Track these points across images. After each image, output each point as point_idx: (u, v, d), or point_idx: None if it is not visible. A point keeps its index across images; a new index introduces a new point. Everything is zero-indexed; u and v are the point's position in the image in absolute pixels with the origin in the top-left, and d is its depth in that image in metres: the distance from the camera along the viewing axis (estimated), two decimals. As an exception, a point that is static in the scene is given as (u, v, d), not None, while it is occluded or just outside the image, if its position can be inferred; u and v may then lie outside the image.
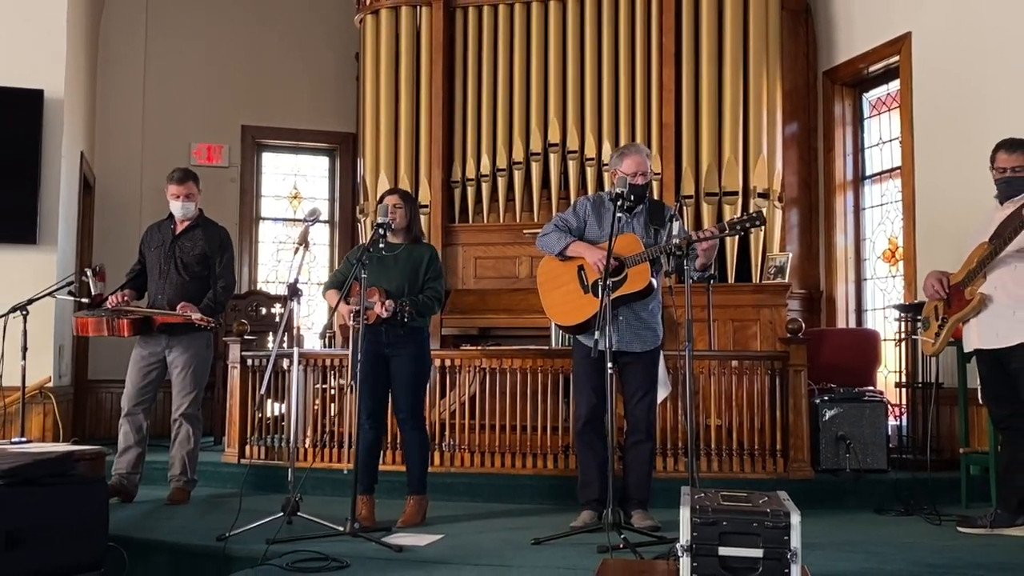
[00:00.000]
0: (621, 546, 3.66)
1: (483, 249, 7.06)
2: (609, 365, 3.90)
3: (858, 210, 7.15)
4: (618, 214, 4.05)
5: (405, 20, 7.22)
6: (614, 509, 3.91)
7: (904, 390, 5.84)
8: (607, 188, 4.45)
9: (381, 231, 4.29)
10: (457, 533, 4.21)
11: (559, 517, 4.42)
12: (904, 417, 5.89)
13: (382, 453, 4.80)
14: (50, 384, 6.06)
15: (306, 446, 5.51)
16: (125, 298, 4.96)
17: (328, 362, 5.61)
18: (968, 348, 4.28)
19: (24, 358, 4.99)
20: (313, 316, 8.67)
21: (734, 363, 5.28)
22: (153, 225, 5.24)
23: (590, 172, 6.84)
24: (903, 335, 5.79)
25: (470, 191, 7.08)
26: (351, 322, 4.27)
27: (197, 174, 5.15)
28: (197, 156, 8.26)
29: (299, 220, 8.61)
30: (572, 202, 4.82)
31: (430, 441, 4.92)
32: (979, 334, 4.16)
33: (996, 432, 4.48)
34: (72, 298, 5.53)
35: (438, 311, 4.61)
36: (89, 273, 5.19)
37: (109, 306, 4.91)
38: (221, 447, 6.05)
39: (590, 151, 6.86)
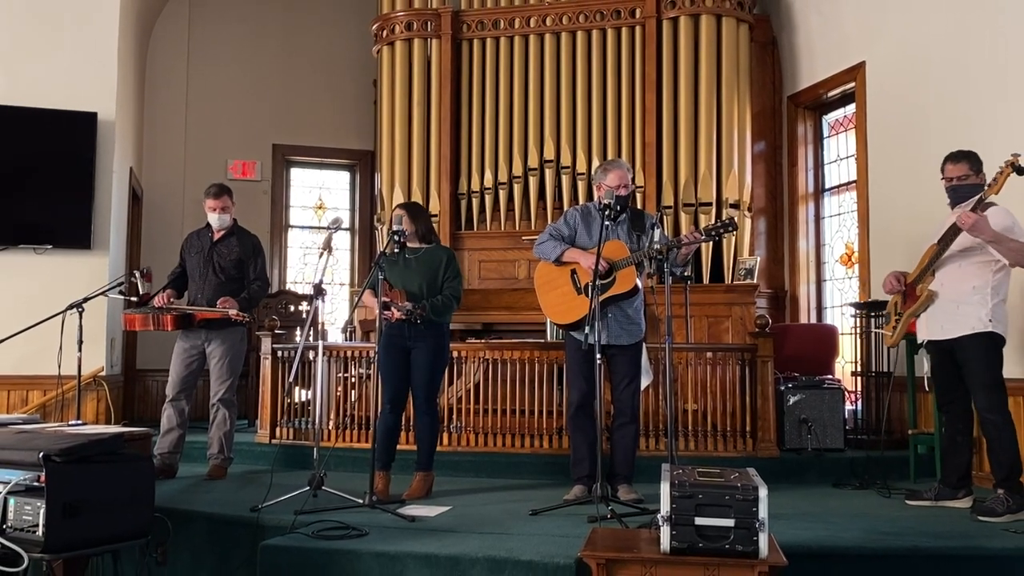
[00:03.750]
0: (609, 516, 3.67)
1: (486, 253, 7.06)
2: (598, 356, 3.91)
3: (818, 219, 7.16)
4: (605, 222, 4.06)
5: (417, 51, 7.22)
6: (602, 484, 3.92)
7: (859, 378, 5.85)
8: (595, 199, 4.45)
9: (397, 237, 4.30)
10: (463, 505, 4.21)
11: (554, 491, 4.42)
12: (859, 402, 5.89)
13: (404, 435, 4.78)
14: (103, 373, 6.06)
15: (330, 428, 5.51)
16: (169, 298, 4.98)
17: (349, 354, 5.61)
18: (920, 339, 4.28)
19: (80, 350, 4.99)
20: (336, 313, 8.67)
21: (709, 355, 5.29)
22: (193, 233, 5.24)
23: (581, 185, 6.83)
24: (859, 330, 5.79)
25: (475, 202, 7.08)
26: (377, 314, 4.27)
27: (231, 188, 5.17)
28: (233, 171, 8.26)
29: (323, 228, 8.61)
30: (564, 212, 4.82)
31: (440, 424, 4.91)
32: (928, 327, 4.16)
33: (939, 413, 4.47)
34: (122, 297, 5.54)
35: (457, 307, 4.59)
36: (137, 275, 5.20)
37: (155, 304, 4.92)
38: (254, 429, 6.05)
39: (581, 167, 6.86)
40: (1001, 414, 3.94)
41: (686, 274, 4.42)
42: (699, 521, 2.72)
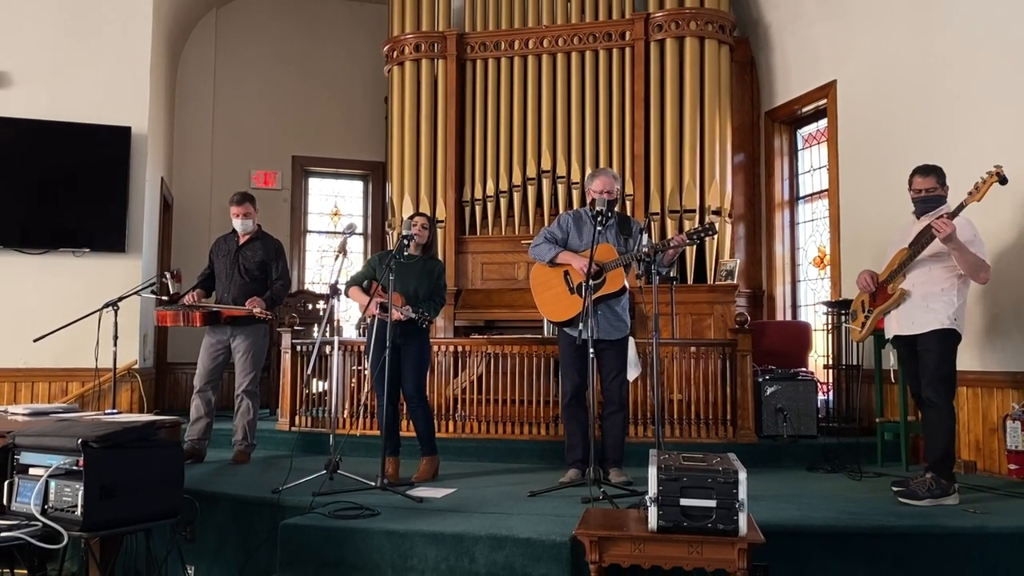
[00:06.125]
0: (601, 498, 3.67)
1: (488, 256, 7.05)
2: (591, 351, 3.91)
3: (793, 224, 7.16)
4: (596, 227, 4.06)
5: (425, 70, 7.23)
6: (595, 468, 3.92)
7: (831, 371, 5.84)
8: (587, 204, 4.44)
9: (405, 241, 4.31)
10: (467, 487, 4.22)
11: (550, 474, 4.43)
12: (831, 393, 5.89)
13: (403, 423, 4.78)
14: (136, 366, 6.07)
15: (344, 416, 5.51)
16: (199, 297, 4.99)
17: (362, 348, 5.60)
18: (889, 335, 4.21)
19: (115, 345, 4.99)
20: (350, 311, 8.66)
21: (692, 349, 5.28)
22: (220, 237, 5.25)
23: (575, 194, 6.83)
24: (830, 326, 5.79)
25: (478, 209, 7.08)
26: (377, 313, 4.28)
27: (254, 196, 5.17)
28: (256, 180, 8.27)
29: (338, 233, 8.61)
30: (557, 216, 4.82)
31: (444, 413, 4.90)
32: (898, 323, 4.09)
33: (917, 405, 4.35)
34: (154, 296, 5.53)
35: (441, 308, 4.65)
36: (168, 275, 5.20)
37: (185, 303, 4.93)
38: (275, 417, 6.06)
39: (575, 176, 6.86)
40: (947, 404, 3.89)
41: (671, 275, 4.41)
42: (684, 502, 2.72)
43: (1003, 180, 3.76)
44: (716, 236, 6.28)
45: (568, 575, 3.09)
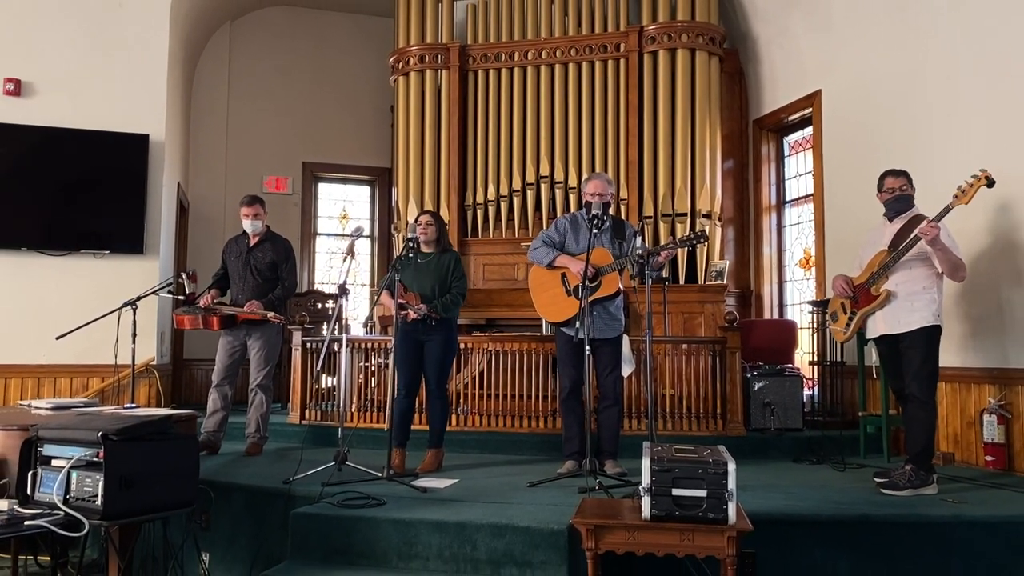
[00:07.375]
0: (597, 488, 3.67)
1: (489, 258, 7.06)
2: (587, 349, 3.91)
3: (780, 227, 7.16)
4: (592, 231, 4.07)
5: (429, 80, 7.23)
6: (591, 459, 3.92)
7: (816, 367, 5.85)
8: (582, 208, 4.44)
9: (411, 243, 4.31)
10: (470, 478, 4.21)
11: (549, 465, 4.42)
12: (815, 388, 5.90)
13: (416, 417, 4.77)
14: (154, 362, 6.07)
15: (352, 410, 5.51)
16: (214, 298, 4.98)
17: (369, 345, 5.61)
18: (873, 335, 4.12)
19: (134, 342, 5.00)
20: (358, 310, 8.67)
21: (684, 346, 5.29)
22: (232, 239, 5.24)
23: (572, 198, 6.84)
24: (815, 324, 5.80)
25: (480, 212, 7.09)
26: (394, 312, 4.28)
27: (263, 198, 5.15)
28: (268, 185, 8.27)
29: (347, 235, 8.61)
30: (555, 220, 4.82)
31: (449, 407, 4.89)
32: (884, 323, 4.02)
33: (897, 401, 4.33)
34: (171, 296, 5.54)
35: (463, 303, 4.59)
36: (184, 276, 5.20)
37: (202, 305, 4.92)
38: (287, 411, 6.05)
39: (572, 182, 6.86)
40: (930, 399, 3.87)
41: (664, 276, 4.41)
42: (676, 492, 2.72)
43: (991, 183, 3.75)
44: (707, 242, 6.27)
45: (565, 562, 3.09)
